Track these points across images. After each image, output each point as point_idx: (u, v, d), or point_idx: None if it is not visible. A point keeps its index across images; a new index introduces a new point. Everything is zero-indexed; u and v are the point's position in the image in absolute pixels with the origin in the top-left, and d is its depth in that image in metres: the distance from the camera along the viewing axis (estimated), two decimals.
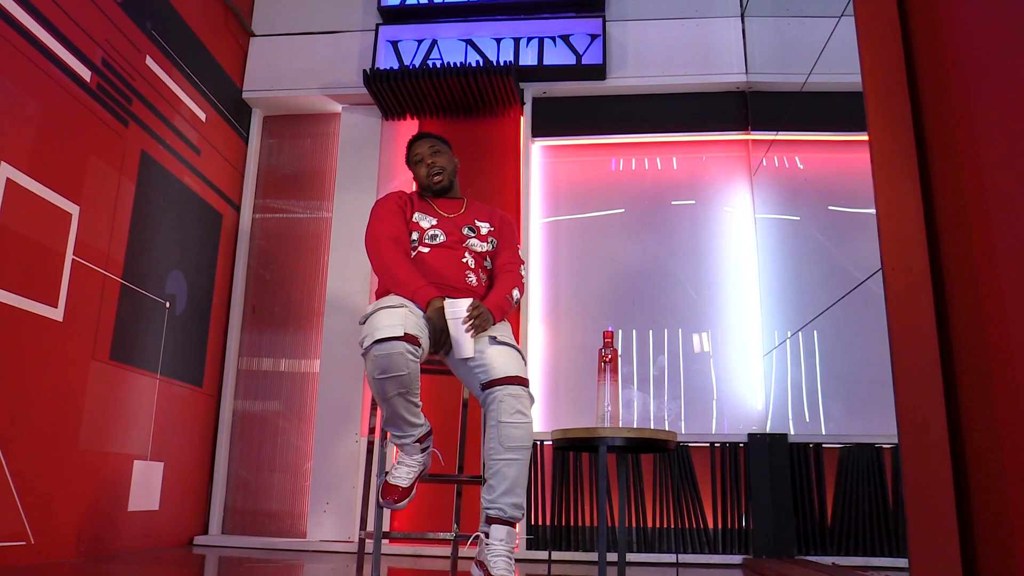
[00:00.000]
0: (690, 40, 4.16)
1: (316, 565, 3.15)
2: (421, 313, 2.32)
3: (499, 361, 2.33)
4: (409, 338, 2.21)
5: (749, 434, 3.67)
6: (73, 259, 2.87)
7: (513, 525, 2.27)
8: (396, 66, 4.13)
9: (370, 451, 2.80)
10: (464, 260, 2.60)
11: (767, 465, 3.58)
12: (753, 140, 4.07)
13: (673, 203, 4.14)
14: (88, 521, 2.98)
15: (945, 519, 1.83)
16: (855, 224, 4.01)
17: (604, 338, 2.56)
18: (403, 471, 2.47)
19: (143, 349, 3.35)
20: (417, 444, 2.45)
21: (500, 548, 2.22)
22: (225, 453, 3.99)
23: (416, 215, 2.63)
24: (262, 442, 4.03)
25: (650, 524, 3.62)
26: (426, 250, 2.57)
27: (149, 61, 3.39)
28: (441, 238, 2.58)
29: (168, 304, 3.54)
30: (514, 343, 2.42)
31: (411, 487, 2.47)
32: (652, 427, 3.83)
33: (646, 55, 4.15)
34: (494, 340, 2.39)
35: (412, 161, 2.73)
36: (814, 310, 3.86)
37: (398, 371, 2.20)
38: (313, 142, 4.40)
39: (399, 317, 2.24)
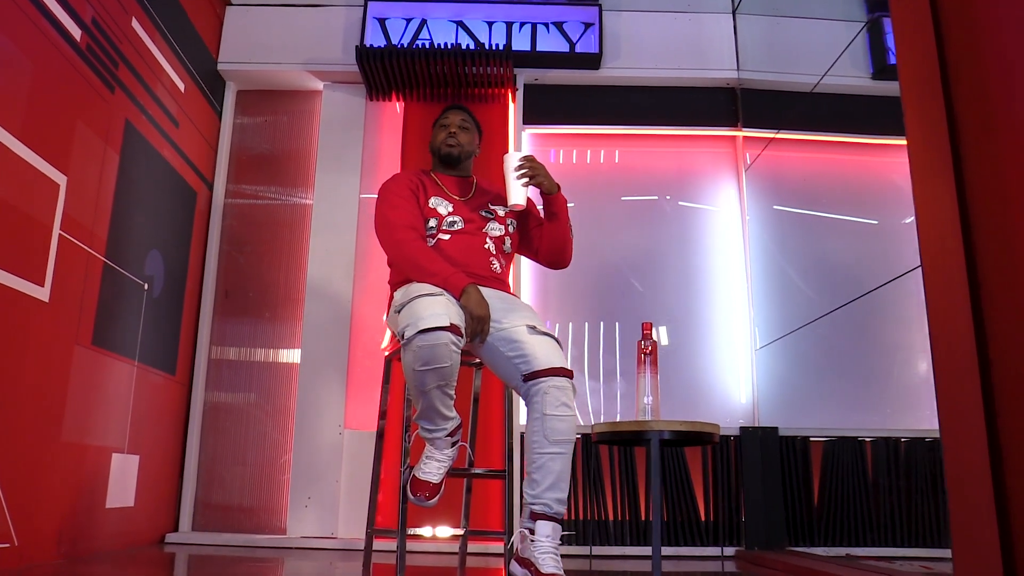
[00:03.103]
0: (683, 34, 4.16)
1: (300, 563, 3.00)
2: (456, 301, 2.23)
3: (541, 351, 2.26)
4: (454, 328, 2.11)
5: (741, 427, 3.70)
6: (60, 234, 2.63)
7: (558, 521, 2.20)
8: (383, 44, 3.97)
9: (379, 441, 2.69)
10: (486, 246, 2.51)
11: (759, 458, 3.62)
12: (745, 136, 4.10)
13: (661, 196, 4.14)
14: (69, 520, 2.75)
15: (984, 510, 1.87)
16: (848, 225, 4.13)
17: (643, 330, 2.52)
18: (433, 466, 2.36)
19: (123, 334, 3.11)
20: (448, 438, 2.35)
21: (547, 545, 2.15)
22: (196, 445, 3.76)
23: (432, 200, 2.51)
24: (236, 434, 3.81)
25: (643, 517, 3.61)
26: (446, 237, 2.46)
27: (135, 23, 3.14)
28: (460, 224, 2.47)
29: (146, 286, 3.30)
30: (552, 333, 2.35)
31: (442, 483, 2.37)
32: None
33: (640, 47, 4.13)
34: (533, 330, 2.31)
35: (436, 126, 2.63)
36: (807, 307, 3.94)
37: (441, 363, 2.10)
38: (291, 120, 4.19)
39: (442, 306, 2.14)
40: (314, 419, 3.73)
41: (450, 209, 2.49)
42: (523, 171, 2.41)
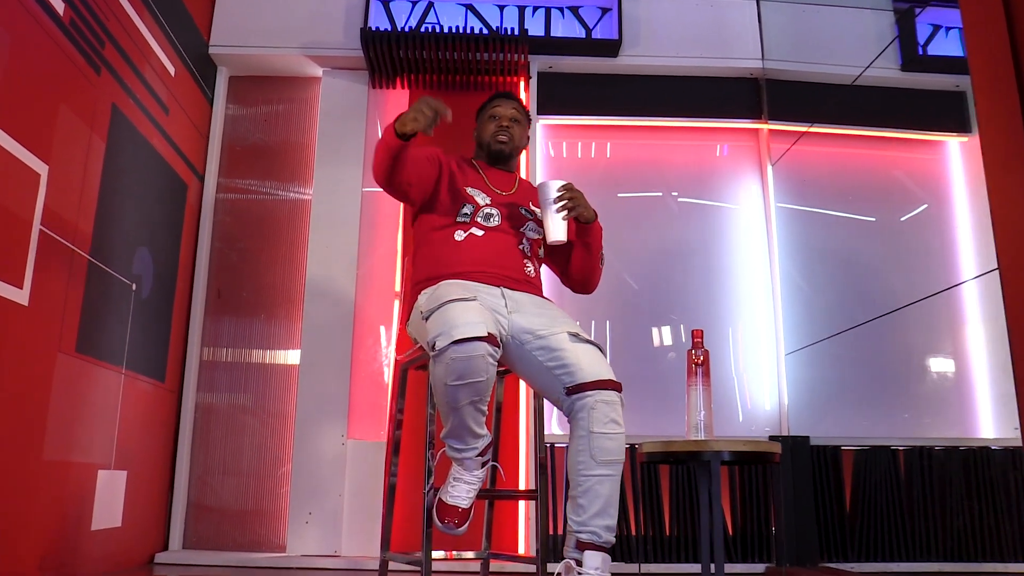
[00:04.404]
0: (705, 21, 3.94)
1: None
2: (483, 304, 2.00)
3: (586, 361, 2.03)
4: (491, 339, 1.87)
5: (770, 436, 3.50)
6: (40, 230, 2.36)
7: (607, 551, 1.98)
8: (388, 27, 3.71)
9: (394, 455, 2.45)
10: (521, 247, 2.30)
11: (789, 469, 3.42)
12: (771, 129, 3.89)
13: (681, 190, 3.93)
14: (53, 544, 2.48)
15: None
16: (894, 225, 3.95)
17: (693, 337, 2.30)
18: (462, 489, 2.11)
19: (109, 339, 2.84)
20: (479, 458, 2.11)
21: None
22: (187, 457, 3.49)
23: (471, 189, 2.29)
24: (230, 444, 3.55)
25: (667, 532, 3.39)
26: (480, 232, 2.25)
27: None
28: (496, 219, 2.27)
29: (135, 286, 3.03)
30: (595, 340, 2.13)
31: (471, 507, 2.13)
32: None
33: (660, 34, 3.90)
34: (575, 337, 2.09)
35: (485, 114, 2.41)
36: (838, 311, 3.75)
37: (476, 376, 1.87)
38: (288, 108, 3.91)
39: (477, 313, 1.91)
40: (315, 428, 3.47)
41: (488, 201, 2.28)
42: (563, 203, 2.17)
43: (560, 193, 2.18)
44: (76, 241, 2.58)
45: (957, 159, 4.04)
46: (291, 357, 3.62)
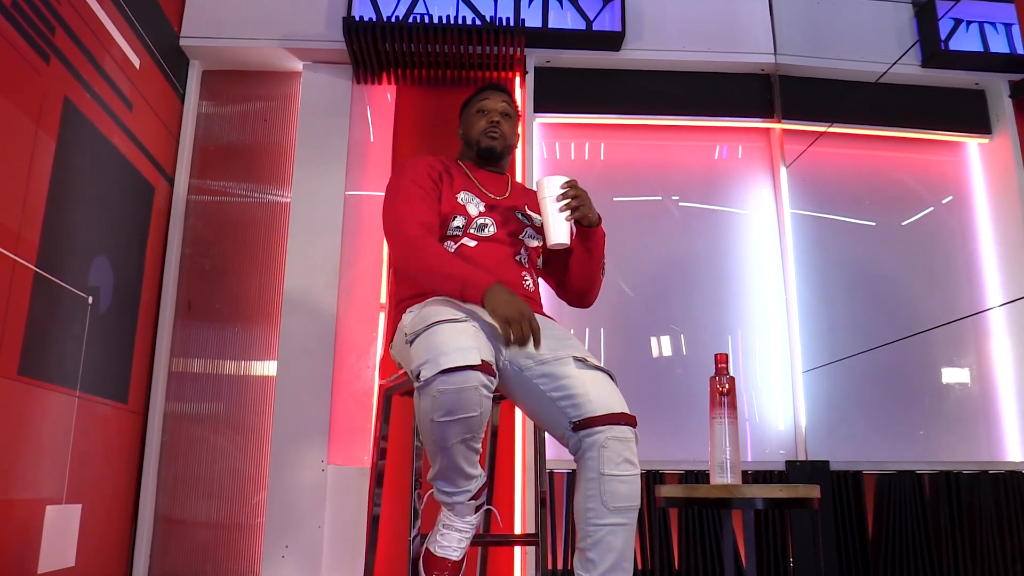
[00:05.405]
0: (713, 13, 3.68)
1: None
2: (481, 323, 1.73)
3: (595, 392, 1.76)
4: (485, 367, 1.61)
5: (787, 461, 3.24)
6: None
7: None
8: (373, 16, 3.43)
9: (376, 487, 2.19)
10: (518, 258, 2.05)
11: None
12: (784, 129, 3.63)
13: (683, 194, 3.67)
14: None
15: None
16: (916, 232, 3.71)
17: (716, 363, 2.02)
18: (453, 538, 1.84)
19: (60, 359, 2.55)
20: (472, 502, 1.84)
21: None
22: (153, 486, 3.19)
23: (462, 195, 2.03)
24: (199, 471, 3.25)
25: (676, 566, 3.12)
26: (472, 243, 1.99)
27: None
28: (491, 228, 2.01)
29: (91, 299, 2.74)
30: (604, 366, 1.86)
31: (463, 559, 1.86)
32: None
33: (665, 26, 3.63)
34: (582, 363, 1.82)
35: (472, 108, 2.14)
36: (858, 326, 3.50)
37: (468, 412, 1.60)
38: (265, 105, 3.62)
39: (470, 337, 1.64)
40: (292, 453, 3.19)
41: (481, 209, 2.02)
42: (567, 201, 1.92)
43: (564, 190, 1.93)
44: (19, 251, 2.29)
45: (977, 161, 3.81)
46: (267, 369, 3.33)
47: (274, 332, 3.35)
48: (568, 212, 1.92)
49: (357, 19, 3.29)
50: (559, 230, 1.92)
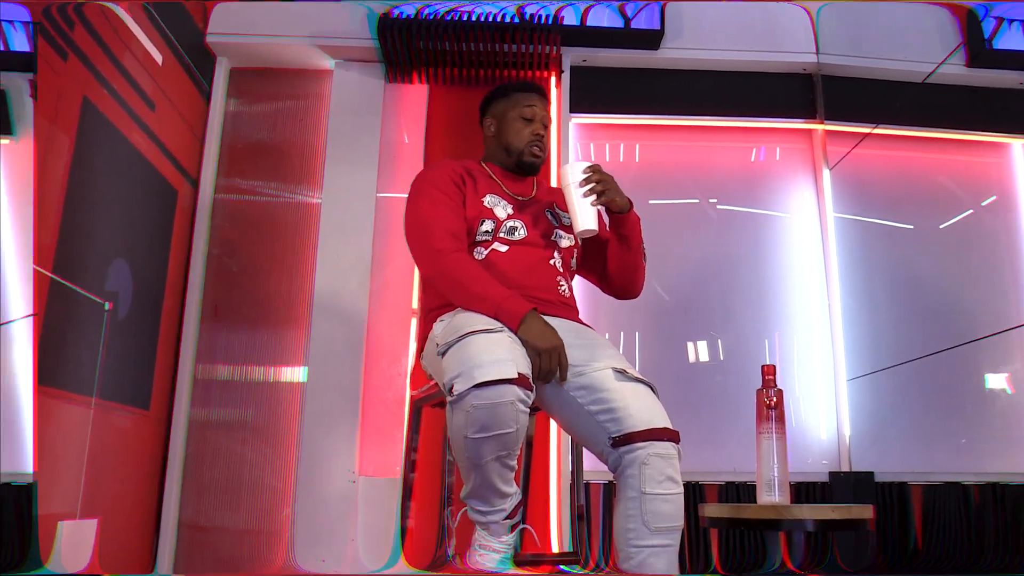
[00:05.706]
0: (754, 12, 3.57)
1: None
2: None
3: (636, 406, 1.66)
4: (522, 380, 1.51)
5: (831, 472, 3.12)
6: None
7: None
8: (409, 13, 3.33)
9: (405, 500, 2.09)
10: (552, 262, 1.94)
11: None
12: (827, 131, 3.52)
13: (721, 196, 3.57)
14: None
15: None
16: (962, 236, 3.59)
17: (764, 375, 1.91)
18: (489, 558, 1.75)
19: (75, 366, 2.45)
20: (507, 521, 1.74)
21: None
22: (176, 497, 3.09)
23: (488, 198, 1.92)
24: (225, 481, 3.15)
25: None
26: (503, 248, 1.88)
27: None
28: (522, 232, 1.90)
29: (109, 305, 2.64)
30: (646, 379, 1.76)
31: None
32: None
33: (705, 25, 3.52)
34: (622, 375, 1.71)
35: (515, 111, 2.00)
36: (904, 332, 3.38)
37: (504, 428, 1.51)
38: (295, 104, 3.53)
39: (505, 348, 1.55)
40: (321, 463, 3.09)
41: (510, 211, 1.91)
42: (591, 186, 1.82)
43: (587, 175, 1.83)
44: (36, 255, 2.20)
45: (1022, 162, 3.69)
46: (295, 375, 3.24)
47: (303, 337, 3.25)
48: (594, 197, 1.82)
49: (397, 17, 3.20)
50: (586, 216, 1.82)
